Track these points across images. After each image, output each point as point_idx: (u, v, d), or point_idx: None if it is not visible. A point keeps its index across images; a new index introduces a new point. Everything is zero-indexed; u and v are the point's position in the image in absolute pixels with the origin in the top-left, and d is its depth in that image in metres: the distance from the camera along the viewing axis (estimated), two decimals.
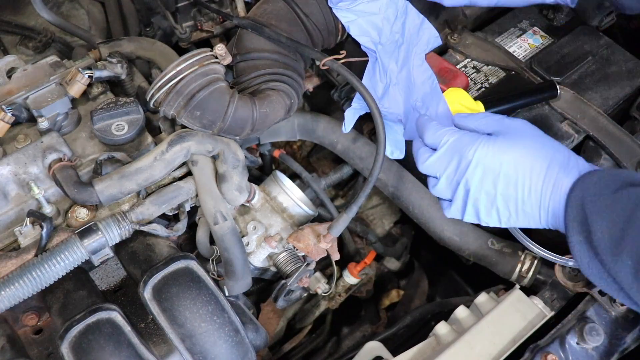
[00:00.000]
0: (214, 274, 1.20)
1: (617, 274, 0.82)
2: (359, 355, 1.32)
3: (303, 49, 1.15)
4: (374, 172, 1.12)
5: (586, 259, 0.86)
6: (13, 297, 0.96)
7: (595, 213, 0.84)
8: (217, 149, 1.12)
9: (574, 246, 0.87)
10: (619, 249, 0.81)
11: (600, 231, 0.83)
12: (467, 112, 1.16)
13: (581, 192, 0.87)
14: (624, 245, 0.80)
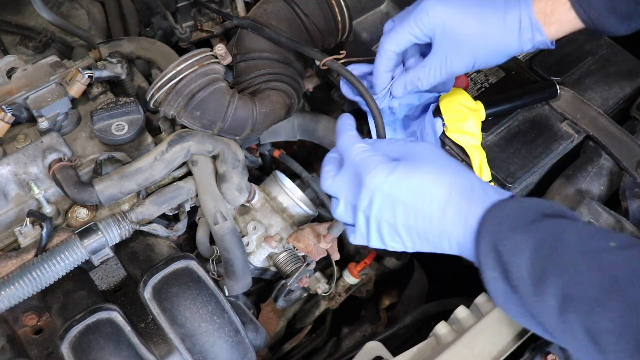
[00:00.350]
0: (214, 274, 1.20)
1: (539, 315, 0.77)
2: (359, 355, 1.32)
3: (303, 49, 1.15)
4: None
5: (502, 295, 0.80)
6: (13, 297, 0.96)
7: (511, 250, 0.78)
8: (217, 149, 1.12)
9: (488, 282, 0.81)
10: (540, 289, 0.75)
11: (517, 270, 0.77)
12: (467, 112, 1.16)
13: (492, 227, 0.80)
14: (546, 286, 0.75)
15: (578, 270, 0.74)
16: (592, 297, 0.72)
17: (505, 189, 1.16)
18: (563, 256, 0.75)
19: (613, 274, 0.72)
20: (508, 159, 1.18)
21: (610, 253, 0.74)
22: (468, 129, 1.16)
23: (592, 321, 0.71)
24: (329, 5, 1.20)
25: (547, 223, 0.78)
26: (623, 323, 0.69)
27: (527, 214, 0.80)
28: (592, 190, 1.19)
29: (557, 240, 0.76)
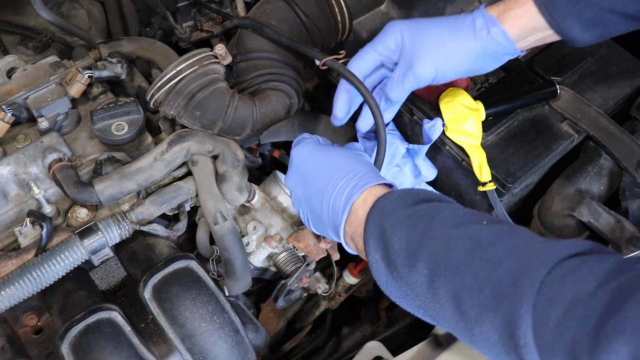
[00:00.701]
0: (214, 274, 1.20)
1: (413, 286, 0.81)
2: (359, 355, 1.32)
3: (303, 49, 1.15)
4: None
5: (384, 277, 0.85)
6: (13, 297, 0.96)
7: (392, 227, 0.84)
8: (217, 149, 1.12)
9: (372, 265, 0.86)
10: (415, 259, 0.80)
11: (397, 244, 0.82)
12: (467, 112, 1.16)
13: (379, 210, 0.87)
14: (420, 255, 0.80)
15: (448, 239, 0.79)
16: (458, 259, 0.77)
17: (505, 189, 1.16)
18: (436, 229, 0.81)
19: (478, 239, 0.77)
20: (508, 159, 1.18)
21: (479, 226, 0.80)
22: (468, 129, 1.16)
23: (457, 281, 0.76)
24: (329, 5, 1.20)
25: (427, 204, 0.85)
26: (483, 277, 0.74)
27: (409, 198, 0.87)
28: (592, 190, 1.19)
29: (433, 217, 0.82)
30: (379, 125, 1.09)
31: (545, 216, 1.21)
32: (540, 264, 0.70)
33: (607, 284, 0.65)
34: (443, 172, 1.27)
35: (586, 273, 0.68)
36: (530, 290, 0.69)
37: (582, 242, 0.73)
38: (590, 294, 0.66)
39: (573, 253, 0.71)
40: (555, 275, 0.69)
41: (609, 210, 1.15)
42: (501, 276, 0.72)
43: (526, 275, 0.70)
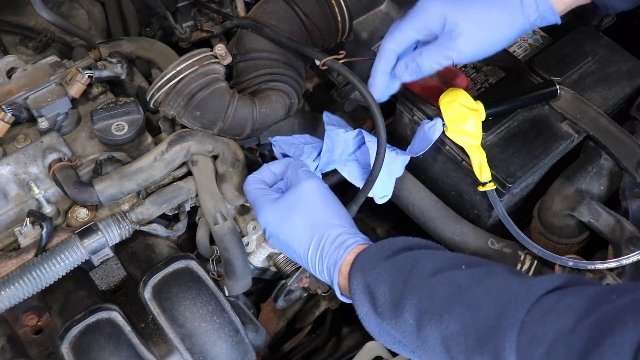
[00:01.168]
0: (214, 274, 1.20)
1: (403, 334, 0.83)
2: (359, 355, 1.33)
3: (303, 48, 1.15)
4: (374, 172, 1.12)
5: (376, 327, 0.88)
6: (13, 297, 0.97)
7: (376, 279, 0.86)
8: (217, 149, 1.12)
9: (362, 318, 0.89)
10: (400, 309, 0.82)
11: (382, 296, 0.84)
12: (467, 112, 1.16)
13: (361, 264, 0.89)
14: (404, 305, 0.82)
15: (429, 287, 0.81)
16: (441, 307, 0.78)
17: (505, 189, 1.16)
18: (417, 278, 0.82)
19: (457, 284, 0.79)
20: (508, 159, 1.18)
21: (457, 271, 0.82)
22: (468, 129, 1.16)
23: (443, 328, 0.77)
24: (329, 5, 1.20)
25: (407, 253, 0.87)
26: (466, 323, 0.75)
27: (390, 248, 0.89)
28: (592, 190, 1.19)
29: (413, 267, 0.84)
30: (379, 125, 1.09)
31: (545, 216, 1.21)
32: (519, 304, 0.72)
33: (585, 319, 0.66)
34: (443, 172, 1.27)
35: (565, 309, 0.69)
36: (512, 331, 0.70)
37: (558, 277, 0.75)
38: (569, 331, 0.67)
39: (550, 289, 0.72)
40: (534, 314, 0.70)
41: (609, 210, 1.15)
42: (483, 320, 0.74)
43: (506, 316, 0.72)
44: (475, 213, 1.26)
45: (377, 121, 1.09)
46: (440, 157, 1.25)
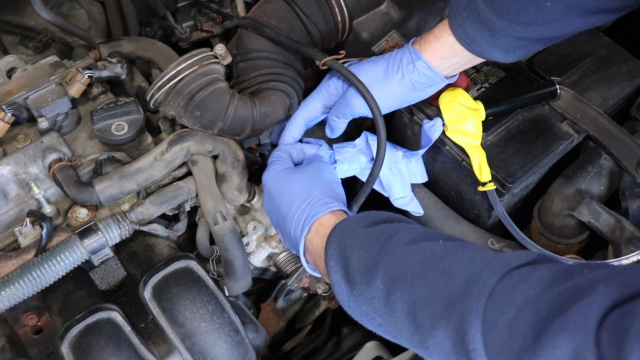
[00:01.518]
0: (214, 274, 1.20)
1: (371, 302, 0.83)
2: (359, 355, 1.32)
3: (303, 48, 1.15)
4: (374, 172, 1.12)
5: (346, 296, 0.87)
6: (13, 297, 0.97)
7: (351, 247, 0.87)
8: (217, 149, 1.12)
9: (334, 285, 0.89)
10: (372, 275, 0.83)
11: (356, 261, 0.85)
12: (467, 112, 1.16)
13: (340, 229, 0.90)
14: (377, 271, 0.83)
15: (404, 254, 0.82)
16: (413, 272, 0.80)
17: (505, 189, 1.16)
18: (393, 246, 0.84)
19: (432, 252, 0.81)
20: (508, 159, 1.18)
21: (434, 242, 0.83)
22: (468, 129, 1.16)
23: (413, 293, 0.78)
24: (329, 5, 1.20)
25: (387, 224, 0.89)
26: (437, 288, 0.76)
27: (371, 218, 0.90)
28: (592, 190, 1.19)
29: (391, 236, 0.85)
30: (379, 125, 1.09)
31: (545, 216, 1.21)
32: (491, 272, 0.73)
33: (555, 287, 0.67)
34: (443, 172, 1.27)
35: (536, 280, 0.70)
36: (481, 297, 0.71)
37: (532, 253, 0.76)
38: (538, 297, 0.67)
39: (524, 262, 0.73)
40: (505, 283, 0.71)
41: (609, 210, 1.15)
42: (454, 286, 0.75)
43: (477, 283, 0.73)
44: (475, 213, 1.26)
45: (377, 121, 1.09)
46: (440, 157, 1.25)
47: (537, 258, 0.75)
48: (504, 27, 1.00)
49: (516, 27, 1.00)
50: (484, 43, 1.03)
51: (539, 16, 0.98)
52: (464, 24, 1.02)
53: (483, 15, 1.00)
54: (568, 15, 0.99)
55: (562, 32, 1.03)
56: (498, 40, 1.02)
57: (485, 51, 1.04)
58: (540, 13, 0.98)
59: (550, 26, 1.00)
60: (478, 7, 1.00)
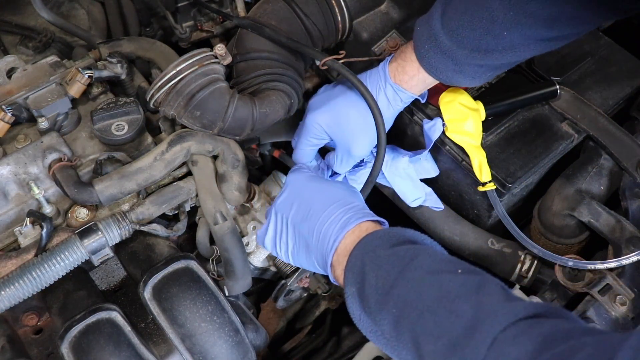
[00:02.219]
0: (214, 274, 1.20)
1: (380, 323, 0.84)
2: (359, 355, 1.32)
3: (303, 48, 1.15)
4: (374, 173, 1.12)
5: (358, 311, 0.88)
6: (13, 297, 0.96)
7: (371, 265, 0.87)
8: (217, 149, 1.12)
9: (347, 297, 0.90)
10: (387, 297, 0.83)
11: (374, 280, 0.86)
12: (467, 112, 1.16)
13: (363, 246, 0.90)
14: (392, 295, 0.83)
15: (420, 284, 0.82)
16: (425, 305, 0.80)
17: (505, 189, 1.16)
18: (411, 272, 0.84)
19: (447, 289, 0.80)
20: (508, 159, 1.18)
21: (452, 274, 0.82)
22: (468, 129, 1.16)
23: (419, 324, 0.79)
24: (329, 5, 1.20)
25: (409, 246, 0.88)
26: (443, 326, 0.77)
27: (393, 237, 0.90)
28: (592, 190, 1.19)
29: (411, 259, 0.85)
30: (379, 125, 1.09)
31: (545, 216, 1.21)
32: (496, 321, 0.74)
33: (551, 348, 0.68)
34: (443, 172, 1.27)
35: (536, 335, 0.71)
36: (482, 344, 0.72)
37: (542, 305, 0.77)
38: (532, 355, 0.69)
39: (531, 314, 0.74)
40: (509, 334, 0.72)
41: (609, 210, 1.15)
42: (460, 328, 0.76)
43: (481, 331, 0.74)
44: (475, 213, 1.26)
45: (377, 121, 1.09)
46: (440, 157, 1.25)
47: (546, 311, 0.75)
48: (465, 55, 1.04)
49: (477, 55, 1.03)
50: (449, 71, 1.07)
51: (497, 44, 1.02)
52: (428, 55, 1.07)
53: (444, 46, 1.04)
54: (526, 42, 1.02)
55: (523, 57, 1.07)
56: (462, 68, 1.06)
57: (451, 79, 1.09)
58: (499, 42, 1.01)
59: (510, 53, 1.03)
60: (439, 39, 1.04)
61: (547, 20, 0.98)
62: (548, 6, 0.96)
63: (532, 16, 0.98)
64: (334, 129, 1.16)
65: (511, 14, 0.98)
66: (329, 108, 1.15)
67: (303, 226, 1.00)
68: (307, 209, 1.00)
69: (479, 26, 1.00)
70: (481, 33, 1.01)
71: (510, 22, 0.98)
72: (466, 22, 1.01)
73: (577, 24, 1.00)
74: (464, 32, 1.02)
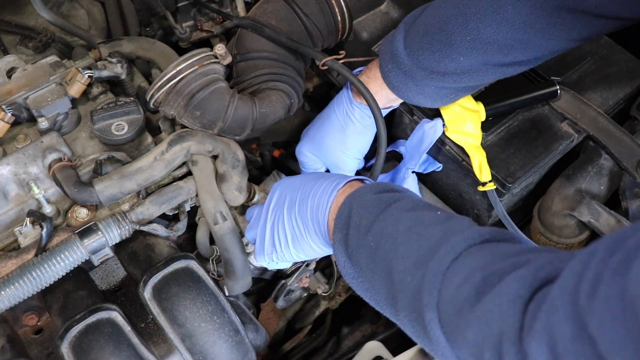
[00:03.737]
0: (214, 274, 1.20)
1: (359, 259, 0.88)
2: (359, 355, 1.33)
3: (303, 48, 1.15)
4: (375, 173, 1.12)
5: (342, 257, 0.91)
6: (13, 297, 0.96)
7: (357, 208, 0.91)
8: (217, 149, 1.12)
9: (334, 245, 0.92)
10: (366, 235, 0.87)
11: (357, 219, 0.89)
12: (467, 113, 1.16)
13: (352, 195, 0.94)
14: (371, 231, 0.87)
15: (398, 218, 0.86)
16: (399, 233, 0.84)
17: (505, 188, 1.16)
18: (392, 211, 0.88)
19: (422, 219, 0.84)
20: (508, 159, 1.18)
21: (430, 212, 0.87)
22: (468, 129, 1.16)
23: (392, 250, 0.83)
24: (329, 5, 1.20)
25: (393, 193, 0.92)
26: (414, 249, 0.81)
27: (384, 187, 0.94)
28: (592, 190, 1.19)
29: (394, 201, 0.89)
30: (379, 125, 1.09)
31: (545, 216, 1.21)
32: (461, 239, 0.77)
33: (506, 259, 0.72)
34: (443, 172, 1.27)
35: (494, 251, 0.75)
36: (445, 259, 0.76)
37: (510, 233, 0.81)
38: (488, 264, 0.73)
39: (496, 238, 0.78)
40: (473, 250, 0.76)
41: (609, 210, 1.15)
42: (427, 247, 0.80)
43: (445, 246, 0.77)
44: (475, 213, 1.26)
45: (378, 121, 1.09)
46: (441, 157, 1.25)
47: (514, 237, 0.80)
48: (424, 76, 1.06)
49: (435, 77, 1.06)
50: (409, 91, 1.10)
51: (456, 67, 1.04)
52: (390, 74, 1.10)
53: (405, 66, 1.07)
54: (484, 67, 1.05)
55: (481, 81, 1.09)
56: (422, 89, 1.09)
57: (412, 98, 1.12)
58: (457, 65, 1.04)
59: (468, 76, 1.06)
60: (400, 58, 1.07)
61: (502, 47, 1.01)
62: (502, 32, 0.99)
63: (487, 42, 1.01)
64: (318, 154, 1.24)
65: (468, 39, 1.01)
66: (308, 135, 1.25)
67: (300, 207, 1.02)
68: (298, 192, 1.02)
69: (437, 49, 1.04)
70: (440, 56, 1.04)
71: (467, 46, 1.02)
72: (426, 44, 1.05)
73: (531, 51, 1.02)
74: (423, 54, 1.05)
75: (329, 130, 1.21)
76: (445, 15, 1.04)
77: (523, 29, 0.99)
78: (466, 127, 1.16)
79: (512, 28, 0.99)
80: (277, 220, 1.05)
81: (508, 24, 0.99)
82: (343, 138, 1.20)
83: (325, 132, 1.22)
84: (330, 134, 1.21)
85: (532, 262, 0.69)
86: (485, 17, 1.00)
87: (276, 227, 1.05)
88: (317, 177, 1.03)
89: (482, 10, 1.00)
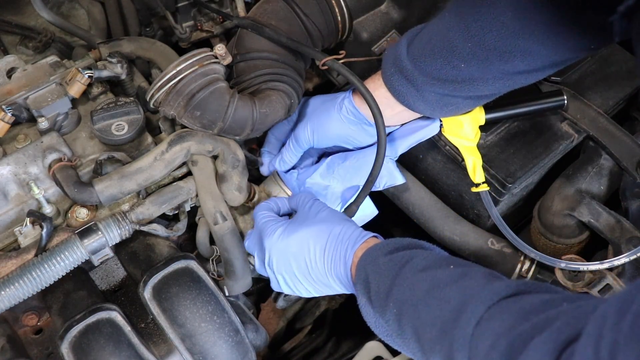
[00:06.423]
0: (214, 274, 1.20)
1: (388, 323, 0.90)
2: (359, 355, 1.33)
3: (303, 48, 1.15)
4: (374, 173, 1.12)
5: (372, 318, 0.93)
6: (13, 297, 0.96)
7: (373, 271, 0.93)
8: (217, 149, 1.12)
9: (361, 308, 0.95)
10: (387, 299, 0.89)
11: (375, 286, 0.91)
12: (465, 116, 1.16)
13: (365, 258, 0.95)
14: (391, 296, 0.89)
15: (415, 281, 0.88)
16: (418, 299, 0.86)
17: (505, 189, 1.16)
18: (407, 272, 0.89)
19: (437, 281, 0.86)
20: (508, 159, 1.18)
21: (442, 269, 0.88)
22: (464, 131, 1.16)
23: (416, 317, 0.85)
24: (329, 5, 1.20)
25: (404, 252, 0.93)
26: (436, 315, 0.82)
27: (393, 245, 0.95)
28: (592, 190, 1.19)
29: (406, 262, 0.91)
30: (379, 125, 1.09)
31: (545, 216, 1.21)
32: (480, 301, 0.78)
33: (530, 319, 0.72)
34: (443, 172, 1.27)
35: (516, 310, 0.75)
36: (468, 325, 0.77)
37: (523, 282, 0.81)
38: (512, 327, 0.73)
39: (513, 292, 0.78)
40: (493, 312, 0.77)
41: (609, 210, 1.15)
42: (448, 313, 0.81)
43: (466, 312, 0.78)
44: (475, 213, 1.26)
45: (377, 121, 1.09)
46: (440, 157, 1.25)
47: (530, 287, 0.79)
48: (425, 82, 1.07)
49: (436, 84, 1.07)
50: (411, 97, 1.10)
51: (457, 75, 1.05)
52: (392, 78, 1.10)
53: (407, 71, 1.08)
54: (484, 76, 1.05)
55: (483, 91, 1.08)
56: (423, 96, 1.09)
57: (413, 105, 1.12)
58: (458, 73, 1.05)
59: (468, 85, 1.06)
60: (402, 63, 1.08)
61: (502, 53, 1.01)
62: (503, 38, 1.00)
63: (488, 49, 1.01)
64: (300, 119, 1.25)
65: (469, 45, 1.02)
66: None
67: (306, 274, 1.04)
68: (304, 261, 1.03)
69: (439, 55, 1.05)
70: (441, 63, 1.05)
71: (468, 53, 1.03)
72: (428, 50, 1.06)
73: (531, 60, 1.03)
74: (426, 60, 1.06)
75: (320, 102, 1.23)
76: (448, 24, 1.05)
77: (522, 35, 0.99)
78: (463, 129, 1.16)
79: (511, 34, 0.99)
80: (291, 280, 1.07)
81: (507, 30, 0.99)
82: (321, 109, 1.20)
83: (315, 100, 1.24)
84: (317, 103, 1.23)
85: (552, 323, 0.70)
86: (486, 23, 1.01)
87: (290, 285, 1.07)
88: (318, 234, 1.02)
89: (482, 16, 1.01)
